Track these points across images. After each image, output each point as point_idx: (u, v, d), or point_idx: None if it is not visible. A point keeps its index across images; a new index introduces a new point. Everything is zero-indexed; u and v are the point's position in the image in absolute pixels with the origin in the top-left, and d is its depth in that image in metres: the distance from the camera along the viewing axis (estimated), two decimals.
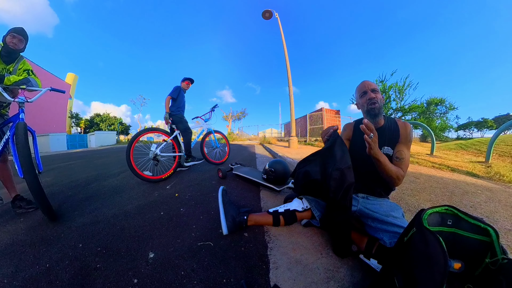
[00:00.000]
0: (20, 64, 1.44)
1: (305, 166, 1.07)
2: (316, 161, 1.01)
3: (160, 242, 0.98)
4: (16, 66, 1.42)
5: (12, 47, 1.35)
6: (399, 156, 0.94)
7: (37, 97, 1.42)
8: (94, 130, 24.65)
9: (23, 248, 0.96)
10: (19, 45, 1.38)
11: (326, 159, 0.93)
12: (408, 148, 0.96)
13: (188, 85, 2.76)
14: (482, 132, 43.80)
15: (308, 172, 1.00)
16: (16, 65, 1.41)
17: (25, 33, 1.40)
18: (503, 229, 1.08)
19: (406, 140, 0.96)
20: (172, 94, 2.55)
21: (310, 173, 0.99)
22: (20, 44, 1.39)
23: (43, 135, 12.54)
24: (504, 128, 2.72)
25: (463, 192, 1.66)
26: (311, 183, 1.00)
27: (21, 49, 1.41)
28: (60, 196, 1.73)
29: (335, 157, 0.88)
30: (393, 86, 11.40)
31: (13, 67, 1.40)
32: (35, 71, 1.52)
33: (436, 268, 0.46)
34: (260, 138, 11.50)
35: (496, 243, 0.50)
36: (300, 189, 1.12)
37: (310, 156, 1.08)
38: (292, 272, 0.79)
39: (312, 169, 1.00)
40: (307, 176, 1.01)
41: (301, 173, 1.06)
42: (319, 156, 1.01)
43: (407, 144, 0.97)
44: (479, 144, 4.24)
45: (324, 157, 0.96)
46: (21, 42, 1.39)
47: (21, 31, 1.37)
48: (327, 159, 0.93)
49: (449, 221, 0.58)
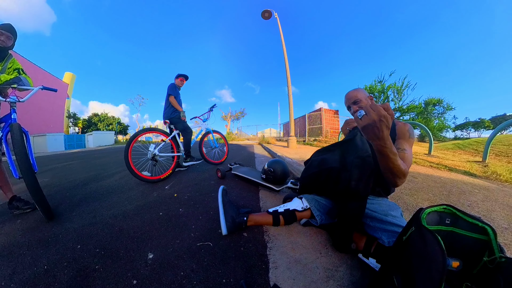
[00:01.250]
0: (10, 62, 1.40)
1: (323, 155, 1.05)
2: (336, 151, 1.00)
3: (159, 243, 0.97)
4: (6, 65, 1.38)
5: (0, 45, 1.31)
6: (400, 146, 0.88)
7: (29, 96, 1.39)
8: (92, 130, 24.49)
9: (21, 249, 0.95)
10: (8, 42, 1.34)
11: (347, 148, 0.94)
12: (409, 144, 0.90)
13: (182, 82, 2.68)
14: (479, 132, 44.21)
15: (325, 160, 0.98)
16: (5, 63, 1.37)
17: (13, 29, 1.35)
18: (500, 227, 1.09)
19: (404, 136, 0.92)
20: (174, 93, 2.51)
21: (328, 160, 0.97)
22: (9, 41, 1.35)
23: (40, 135, 12.43)
24: (500, 128, 2.75)
25: (461, 191, 1.68)
26: (324, 172, 0.97)
27: (10, 46, 1.37)
28: (57, 196, 1.72)
29: (356, 146, 0.88)
30: (391, 87, 11.46)
31: (2, 66, 1.36)
32: (32, 70, 1.50)
33: (435, 266, 0.46)
34: (259, 138, 11.51)
35: (494, 242, 0.51)
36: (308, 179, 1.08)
37: (330, 146, 1.07)
38: (292, 271, 0.79)
39: (330, 157, 0.98)
40: (323, 164, 0.98)
41: (316, 160, 1.05)
42: (339, 146, 1.01)
43: (406, 140, 0.91)
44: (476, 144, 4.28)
45: (344, 147, 0.96)
46: (9, 39, 1.35)
47: (9, 27, 1.33)
48: (347, 148, 0.93)
49: (447, 220, 0.59)
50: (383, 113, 0.62)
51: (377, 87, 11.75)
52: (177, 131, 2.52)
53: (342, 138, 1.08)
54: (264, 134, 20.46)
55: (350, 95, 1.04)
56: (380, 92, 11.64)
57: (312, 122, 11.09)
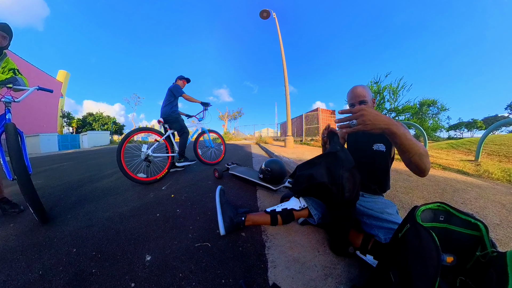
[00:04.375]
0: (4, 62, 1.38)
1: (308, 169, 1.02)
2: (321, 163, 0.98)
3: (157, 244, 0.97)
4: (0, 64, 1.36)
5: None
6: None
7: (24, 96, 1.37)
8: (86, 130, 24.07)
9: (14, 255, 0.93)
10: (3, 42, 1.32)
11: (331, 161, 0.93)
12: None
13: (185, 84, 2.74)
14: (472, 132, 45.25)
15: (313, 175, 0.96)
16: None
17: (9, 28, 1.33)
18: (492, 223, 1.13)
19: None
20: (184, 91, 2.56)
21: (315, 176, 0.95)
22: (4, 41, 1.32)
23: (33, 136, 12.13)
24: (492, 128, 2.82)
25: (454, 189, 1.72)
26: (315, 187, 0.97)
27: (5, 46, 1.35)
28: (52, 199, 1.68)
29: (340, 159, 0.89)
30: (387, 87, 11.63)
31: None
32: (25, 68, 1.47)
33: (430, 262, 0.47)
34: (256, 138, 11.51)
35: (486, 237, 0.52)
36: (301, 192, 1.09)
37: (314, 159, 1.04)
38: (290, 270, 0.79)
39: (317, 172, 0.96)
40: (311, 179, 0.97)
41: (304, 176, 1.02)
42: (323, 159, 0.99)
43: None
44: (469, 143, 4.38)
45: (329, 159, 0.95)
46: (5, 39, 1.33)
47: (4, 26, 1.31)
48: (332, 161, 0.93)
49: (441, 217, 0.60)
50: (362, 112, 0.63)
51: (373, 88, 11.90)
52: (172, 131, 2.49)
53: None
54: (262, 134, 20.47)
55: (359, 93, 0.95)
56: (376, 93, 11.79)
57: (309, 122, 11.15)
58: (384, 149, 0.97)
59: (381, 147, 0.97)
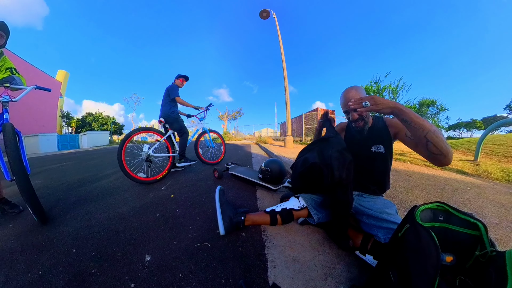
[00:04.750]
0: (1, 61, 1.37)
1: (304, 154, 1.14)
2: (314, 149, 1.09)
3: (157, 245, 0.97)
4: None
5: None
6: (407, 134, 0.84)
7: (22, 96, 1.36)
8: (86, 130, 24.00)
9: (14, 255, 0.92)
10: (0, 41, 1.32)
11: (324, 146, 1.02)
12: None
13: (183, 83, 2.70)
14: (471, 132, 45.34)
15: (307, 158, 1.07)
16: None
17: (5, 27, 1.32)
18: (491, 223, 1.13)
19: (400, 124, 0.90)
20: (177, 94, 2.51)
21: (309, 159, 1.06)
22: (1, 40, 1.31)
23: (32, 136, 12.08)
24: (491, 128, 2.83)
25: (453, 189, 1.72)
26: (309, 169, 1.03)
27: (2, 44, 1.34)
28: (51, 199, 1.68)
29: (332, 143, 0.97)
30: (386, 87, 11.63)
31: None
32: (24, 67, 1.46)
33: (429, 261, 0.47)
34: (256, 138, 11.51)
35: (485, 237, 0.52)
36: (298, 180, 1.13)
37: (309, 145, 1.16)
38: (290, 270, 0.79)
39: (310, 155, 1.07)
40: (305, 162, 1.07)
41: (300, 161, 1.13)
42: (317, 144, 1.10)
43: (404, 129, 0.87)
44: (468, 143, 4.38)
45: (322, 145, 1.05)
46: (1, 37, 1.31)
47: (1, 25, 1.30)
48: (325, 146, 1.01)
49: (441, 216, 0.60)
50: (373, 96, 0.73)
51: (372, 88, 11.91)
52: (172, 131, 2.49)
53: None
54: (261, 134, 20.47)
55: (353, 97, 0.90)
56: (376, 93, 11.81)
57: (309, 122, 11.16)
58: (383, 151, 0.97)
59: (380, 148, 0.97)
